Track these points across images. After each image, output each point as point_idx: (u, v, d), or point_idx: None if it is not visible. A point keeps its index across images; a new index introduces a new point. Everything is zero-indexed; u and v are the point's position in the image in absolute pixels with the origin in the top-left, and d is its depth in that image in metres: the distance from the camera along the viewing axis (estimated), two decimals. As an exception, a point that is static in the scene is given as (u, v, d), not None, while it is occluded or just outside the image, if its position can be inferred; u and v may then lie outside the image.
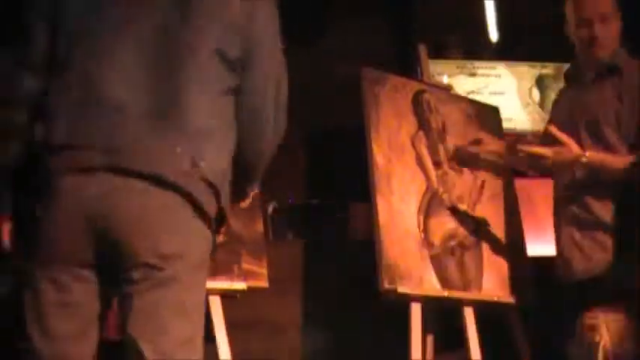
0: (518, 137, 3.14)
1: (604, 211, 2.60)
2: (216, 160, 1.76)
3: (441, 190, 3.03)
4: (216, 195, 1.76)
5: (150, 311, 1.68)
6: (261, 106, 1.85)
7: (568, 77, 2.92)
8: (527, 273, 3.10)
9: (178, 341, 1.69)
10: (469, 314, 2.89)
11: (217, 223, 1.81)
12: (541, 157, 2.63)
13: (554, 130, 2.63)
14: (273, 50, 1.87)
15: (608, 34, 2.68)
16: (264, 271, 2.75)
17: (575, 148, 2.59)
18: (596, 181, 2.60)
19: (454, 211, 3.03)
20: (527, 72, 4.30)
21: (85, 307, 1.72)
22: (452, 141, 3.16)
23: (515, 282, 3.02)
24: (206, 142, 1.74)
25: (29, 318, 1.70)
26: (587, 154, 2.58)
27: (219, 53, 1.76)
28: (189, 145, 1.71)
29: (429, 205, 2.98)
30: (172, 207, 1.69)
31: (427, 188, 2.99)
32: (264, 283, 2.74)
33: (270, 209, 3.42)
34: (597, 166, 2.58)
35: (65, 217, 1.68)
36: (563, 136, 2.60)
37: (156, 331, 1.68)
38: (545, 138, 2.76)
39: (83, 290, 1.71)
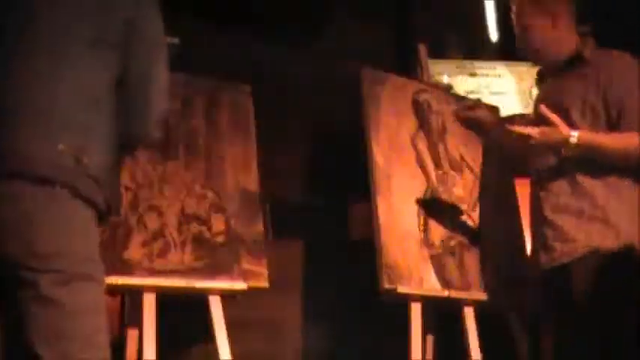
0: (511, 117, 2.95)
1: (598, 189, 2.50)
2: (99, 154, 1.78)
3: (441, 189, 3.03)
4: (101, 188, 1.77)
5: (44, 315, 1.66)
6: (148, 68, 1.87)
7: (541, 75, 2.83)
8: (527, 273, 3.09)
9: (79, 342, 1.67)
10: (469, 314, 2.90)
11: (105, 215, 1.83)
12: (527, 137, 2.51)
13: (544, 109, 2.53)
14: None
15: (541, 42, 2.62)
16: (264, 271, 2.74)
17: (564, 129, 2.49)
18: (589, 161, 2.49)
19: (454, 211, 3.03)
20: (527, 72, 4.29)
21: None
22: (452, 141, 3.16)
23: (515, 282, 3.02)
24: (88, 138, 1.76)
25: None
26: (577, 133, 2.48)
27: (98, 41, 1.79)
28: (71, 142, 1.72)
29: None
30: (59, 206, 1.70)
31: (427, 188, 2.99)
32: (264, 283, 2.73)
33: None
34: (588, 146, 2.48)
35: None
36: (553, 117, 2.50)
37: (55, 335, 1.65)
38: (536, 120, 2.64)
39: None
